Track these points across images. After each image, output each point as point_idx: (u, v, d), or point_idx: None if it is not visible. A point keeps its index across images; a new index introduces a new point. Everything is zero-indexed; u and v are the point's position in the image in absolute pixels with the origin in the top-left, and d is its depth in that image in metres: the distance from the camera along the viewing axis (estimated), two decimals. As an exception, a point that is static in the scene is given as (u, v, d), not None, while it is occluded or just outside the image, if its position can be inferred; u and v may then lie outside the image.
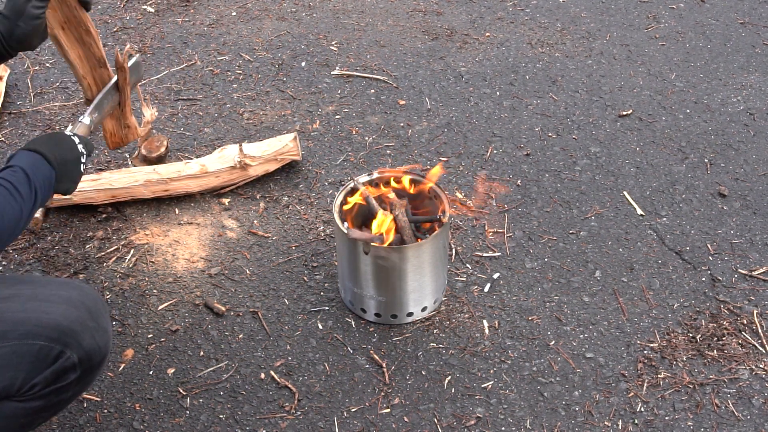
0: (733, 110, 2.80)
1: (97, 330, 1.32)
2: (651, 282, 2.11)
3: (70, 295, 1.30)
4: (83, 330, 1.29)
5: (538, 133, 2.68)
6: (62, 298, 1.29)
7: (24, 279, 1.39)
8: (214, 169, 2.34)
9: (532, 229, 2.29)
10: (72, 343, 1.28)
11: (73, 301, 1.29)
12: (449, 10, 3.46)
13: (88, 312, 1.31)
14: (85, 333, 1.29)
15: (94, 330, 1.32)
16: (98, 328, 1.33)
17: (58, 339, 1.26)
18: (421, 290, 1.94)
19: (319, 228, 2.29)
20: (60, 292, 1.30)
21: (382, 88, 2.93)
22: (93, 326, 1.32)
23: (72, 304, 1.29)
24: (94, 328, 1.32)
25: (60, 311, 1.27)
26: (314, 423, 1.77)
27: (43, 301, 1.27)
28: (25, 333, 1.24)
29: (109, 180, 2.33)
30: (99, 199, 2.32)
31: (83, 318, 1.29)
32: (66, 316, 1.27)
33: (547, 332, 1.98)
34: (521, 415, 1.78)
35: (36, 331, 1.24)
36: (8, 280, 1.35)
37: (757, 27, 3.31)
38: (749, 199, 2.39)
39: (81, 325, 1.29)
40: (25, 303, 1.27)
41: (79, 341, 1.28)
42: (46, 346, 1.25)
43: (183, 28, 3.33)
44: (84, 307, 1.31)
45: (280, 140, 2.38)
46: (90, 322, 1.31)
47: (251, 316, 2.03)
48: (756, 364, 1.89)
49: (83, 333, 1.29)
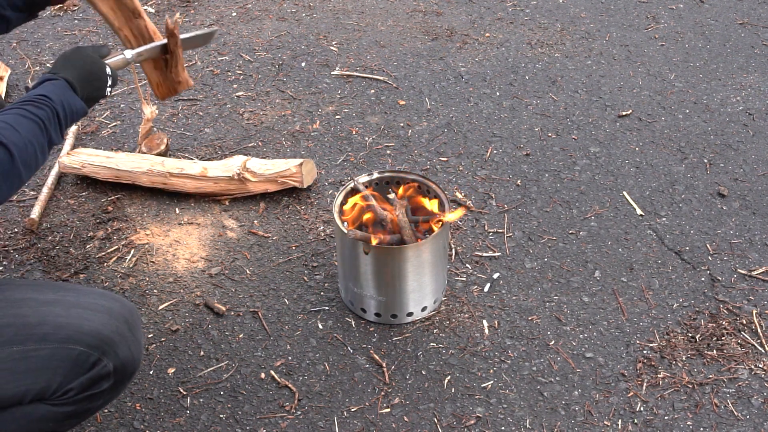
0: (733, 110, 2.80)
1: (133, 341, 1.35)
2: (650, 282, 2.12)
3: (112, 306, 1.33)
4: (121, 340, 1.32)
5: (538, 133, 2.69)
6: (104, 308, 1.32)
7: (67, 286, 1.41)
8: (214, 175, 2.34)
9: (532, 229, 2.29)
10: (109, 352, 1.30)
11: (114, 311, 1.33)
12: (449, 11, 3.46)
13: (126, 323, 1.35)
14: (122, 343, 1.32)
15: (131, 341, 1.35)
16: (134, 340, 1.36)
17: (97, 346, 1.29)
18: (421, 290, 1.94)
19: (319, 228, 2.30)
20: (102, 301, 1.33)
21: (382, 88, 2.93)
22: (130, 337, 1.35)
23: (113, 315, 1.32)
24: (131, 340, 1.35)
25: (101, 320, 1.30)
26: (314, 423, 1.77)
27: (86, 308, 1.30)
28: (66, 337, 1.26)
29: (117, 161, 2.40)
30: (102, 175, 2.41)
31: (122, 329, 1.33)
32: (106, 325, 1.30)
33: (547, 332, 1.98)
34: (521, 414, 1.79)
35: (77, 336, 1.27)
36: (53, 286, 1.38)
37: (756, 27, 3.31)
38: (748, 199, 2.39)
39: (119, 335, 1.32)
40: (69, 309, 1.29)
41: (116, 351, 1.31)
42: (85, 352, 1.28)
43: (183, 29, 3.34)
44: (123, 318, 1.34)
45: (286, 163, 2.35)
46: (128, 333, 1.34)
47: (251, 316, 2.03)
48: (755, 363, 1.89)
49: (121, 343, 1.32)
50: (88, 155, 2.44)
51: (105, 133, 2.72)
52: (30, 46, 3.23)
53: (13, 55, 3.17)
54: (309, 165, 2.37)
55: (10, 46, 3.23)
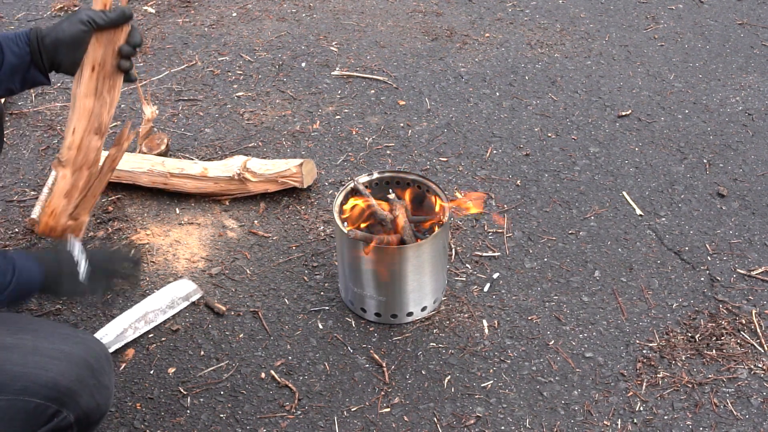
0: (732, 111, 2.80)
1: (97, 387, 1.28)
2: (650, 282, 2.12)
3: (72, 351, 1.26)
4: (82, 389, 1.24)
5: (538, 134, 2.69)
6: (64, 354, 1.25)
7: (29, 326, 1.33)
8: (214, 175, 2.35)
9: (532, 229, 2.30)
10: (69, 403, 1.23)
11: (74, 357, 1.25)
12: (449, 11, 3.47)
13: (89, 369, 1.27)
14: (83, 392, 1.25)
15: (94, 388, 1.27)
16: (99, 386, 1.29)
17: (55, 398, 1.21)
18: (421, 290, 1.95)
19: (319, 228, 2.30)
20: (62, 346, 1.26)
21: (382, 88, 2.94)
22: (93, 384, 1.27)
23: (73, 361, 1.24)
24: (94, 386, 1.27)
25: (60, 369, 1.22)
26: (314, 422, 1.78)
27: (43, 355, 1.23)
28: (22, 389, 1.20)
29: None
30: None
31: (83, 376, 1.25)
32: (66, 375, 1.22)
33: (547, 332, 1.98)
34: (521, 414, 1.79)
35: (33, 388, 1.20)
36: (10, 325, 1.30)
37: (756, 28, 3.32)
38: (748, 199, 2.40)
39: (80, 383, 1.24)
40: (26, 356, 1.22)
41: (77, 401, 1.24)
42: (42, 404, 1.20)
43: (184, 29, 3.34)
44: (85, 364, 1.27)
45: (286, 163, 2.36)
46: (90, 380, 1.27)
47: (251, 315, 2.04)
48: (754, 363, 1.89)
49: (82, 392, 1.24)
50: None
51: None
52: (30, 47, 3.23)
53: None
54: (309, 165, 2.37)
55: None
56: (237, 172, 2.32)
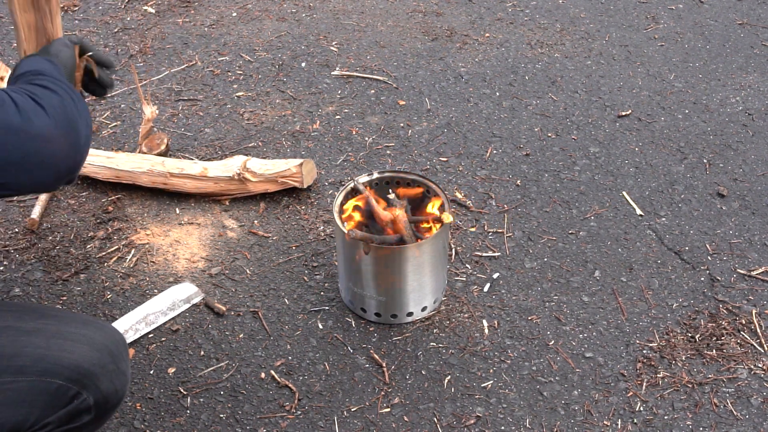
0: (732, 110, 2.80)
1: (116, 373, 1.31)
2: (650, 282, 2.12)
3: (94, 337, 1.29)
4: (102, 373, 1.27)
5: (538, 134, 2.69)
6: (86, 339, 1.28)
7: (51, 312, 1.36)
8: (214, 175, 2.35)
9: (532, 229, 2.30)
10: (90, 386, 1.26)
11: (96, 342, 1.28)
12: (449, 11, 3.47)
13: (109, 355, 1.30)
14: (104, 376, 1.28)
15: (113, 373, 1.30)
16: (117, 372, 1.32)
17: (76, 380, 1.24)
18: (421, 290, 1.95)
19: (319, 228, 2.30)
20: (84, 331, 1.29)
21: (382, 88, 2.94)
22: (112, 369, 1.30)
23: (95, 346, 1.28)
24: (113, 372, 1.30)
25: (82, 352, 1.26)
26: (314, 422, 1.78)
27: (66, 339, 1.26)
28: (44, 370, 1.22)
29: (117, 161, 2.41)
30: (103, 175, 2.41)
31: (104, 361, 1.28)
32: (87, 358, 1.25)
33: (547, 332, 1.98)
34: (521, 414, 1.79)
35: (56, 369, 1.23)
36: (33, 312, 1.33)
37: (756, 28, 3.32)
38: (748, 199, 2.40)
39: (101, 368, 1.27)
40: (49, 339, 1.25)
41: (97, 384, 1.27)
42: (64, 386, 1.23)
43: (183, 29, 3.34)
44: (106, 350, 1.30)
45: (286, 163, 2.35)
46: (110, 366, 1.30)
47: (251, 315, 2.04)
48: (755, 363, 1.89)
49: (102, 376, 1.27)
50: (89, 155, 2.44)
51: (105, 133, 2.73)
52: (30, 47, 3.23)
53: (13, 54, 3.17)
54: (309, 165, 2.37)
55: (10, 46, 3.23)
56: (237, 172, 2.32)
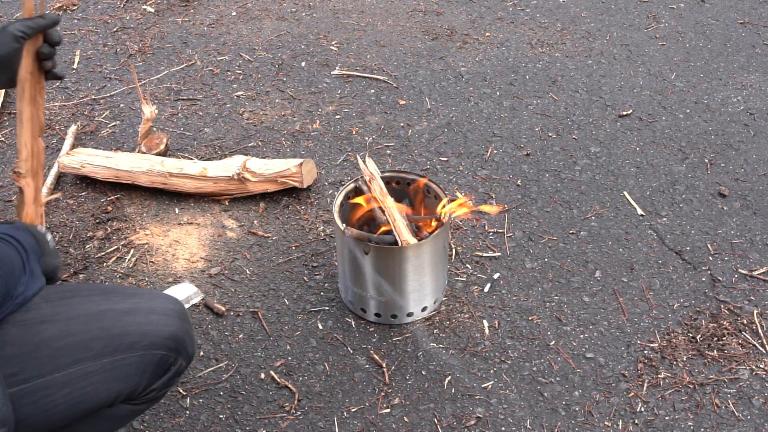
0: (734, 110, 2.80)
1: (192, 337, 1.48)
2: (651, 282, 2.11)
3: (177, 309, 1.45)
4: (188, 338, 1.45)
5: (538, 133, 2.68)
6: (174, 311, 1.43)
7: (129, 291, 1.50)
8: (214, 175, 2.34)
9: (532, 229, 2.29)
10: (183, 351, 1.43)
11: (180, 313, 1.45)
12: (449, 10, 3.46)
13: (188, 322, 1.47)
14: (189, 341, 1.45)
15: (193, 338, 1.49)
16: (192, 336, 1.49)
17: (175, 348, 1.41)
18: (421, 290, 1.94)
19: (319, 228, 2.29)
20: (169, 305, 1.44)
21: (382, 88, 2.93)
22: (192, 334, 1.48)
23: (180, 317, 1.44)
24: (193, 336, 1.48)
25: (176, 324, 1.42)
26: (314, 423, 1.77)
27: (160, 314, 1.41)
28: (150, 344, 1.37)
29: (116, 160, 2.40)
30: (102, 175, 2.41)
31: (188, 328, 1.46)
32: (180, 328, 1.42)
33: (547, 332, 1.98)
34: (521, 415, 1.78)
35: (159, 341, 1.38)
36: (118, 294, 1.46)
37: (757, 27, 3.31)
38: (749, 199, 2.39)
39: (187, 335, 1.45)
40: (148, 315, 1.40)
41: (187, 349, 1.44)
42: (166, 355, 1.39)
43: (183, 28, 3.34)
44: (186, 317, 1.47)
45: (286, 162, 2.34)
46: (191, 331, 1.48)
47: (251, 316, 2.03)
48: (756, 364, 1.89)
49: (188, 341, 1.45)
50: (88, 155, 2.44)
51: (104, 133, 2.72)
52: (29, 46, 3.22)
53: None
54: (309, 165, 2.36)
55: (9, 45, 3.22)
56: (236, 172, 2.32)
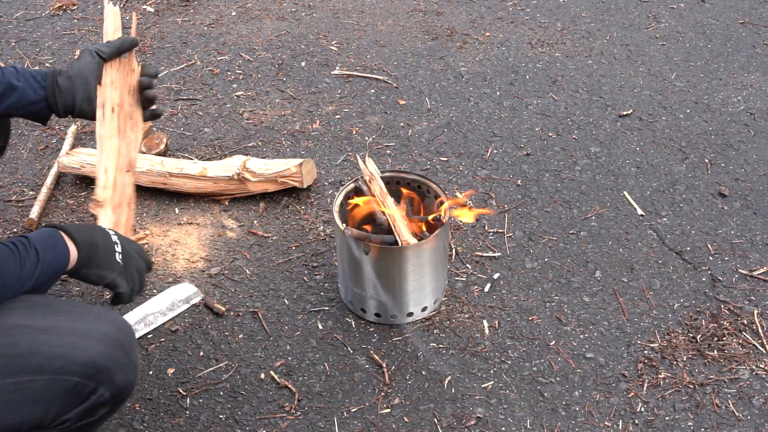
0: (734, 110, 2.79)
1: (128, 366, 1.34)
2: (651, 282, 2.11)
3: (107, 331, 1.31)
4: (117, 368, 1.30)
5: (538, 133, 2.68)
6: (99, 334, 1.30)
7: (62, 307, 1.36)
8: (214, 175, 2.34)
9: (532, 229, 2.29)
10: (105, 381, 1.29)
11: (109, 337, 1.31)
12: (449, 10, 3.46)
13: (122, 349, 1.33)
14: (117, 370, 1.31)
15: (126, 367, 1.33)
16: (130, 364, 1.35)
17: (93, 376, 1.27)
18: (421, 290, 1.94)
19: (319, 228, 2.29)
20: (97, 327, 1.31)
21: (382, 88, 2.93)
22: (125, 363, 1.33)
23: (108, 342, 1.30)
24: (126, 365, 1.33)
25: (97, 348, 1.28)
26: (314, 423, 1.77)
27: (80, 336, 1.28)
28: (61, 368, 1.24)
29: None
30: None
31: (117, 356, 1.31)
32: (102, 354, 1.28)
33: (548, 332, 1.97)
34: (521, 415, 1.78)
35: (72, 367, 1.25)
36: (43, 308, 1.34)
37: (758, 27, 3.31)
38: (750, 199, 2.39)
39: (115, 363, 1.30)
40: (63, 337, 1.27)
41: (112, 379, 1.30)
42: (81, 383, 1.26)
43: (183, 28, 3.33)
44: (118, 344, 1.32)
45: (286, 162, 2.34)
46: (123, 359, 1.32)
47: (251, 316, 2.03)
48: (756, 364, 1.89)
49: (116, 370, 1.30)
50: (88, 155, 2.43)
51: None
52: (29, 46, 3.23)
53: (12, 54, 3.17)
54: (309, 165, 2.36)
55: (9, 45, 3.23)
56: (236, 172, 2.31)
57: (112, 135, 1.62)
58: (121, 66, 1.64)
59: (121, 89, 1.63)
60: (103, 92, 1.61)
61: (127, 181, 1.62)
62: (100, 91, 1.61)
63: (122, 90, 1.63)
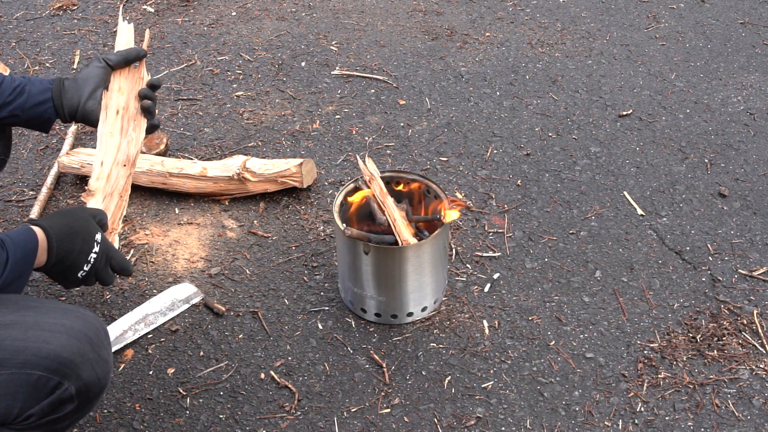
0: (734, 110, 2.80)
1: (97, 361, 1.31)
2: (651, 282, 2.11)
3: (73, 325, 1.29)
4: (83, 362, 1.27)
5: (538, 133, 2.68)
6: (65, 328, 1.27)
7: (30, 303, 1.34)
8: (214, 175, 2.34)
9: (532, 229, 2.29)
10: (70, 375, 1.25)
11: (75, 331, 1.28)
12: (449, 10, 3.46)
13: (89, 343, 1.29)
14: (84, 365, 1.27)
15: (94, 362, 1.30)
16: (99, 360, 1.31)
17: (56, 370, 1.24)
18: (421, 290, 1.94)
19: (319, 228, 2.29)
20: (63, 320, 1.28)
21: (382, 88, 2.93)
22: (93, 358, 1.29)
23: (74, 335, 1.27)
24: (94, 360, 1.29)
25: (61, 342, 1.25)
26: (314, 423, 1.77)
27: (45, 330, 1.26)
28: (24, 362, 1.22)
29: None
30: None
31: (84, 349, 1.28)
32: (66, 347, 1.25)
33: (547, 332, 1.98)
34: (521, 415, 1.78)
35: (35, 360, 1.22)
36: (12, 304, 1.32)
37: (758, 27, 3.31)
38: (749, 199, 2.39)
39: (81, 356, 1.27)
40: (27, 331, 1.25)
41: (78, 373, 1.26)
42: (44, 377, 1.23)
43: (183, 28, 3.33)
44: (86, 338, 1.29)
45: (286, 162, 2.34)
46: (90, 354, 1.29)
47: (251, 316, 2.03)
48: (756, 364, 1.89)
49: (83, 365, 1.27)
50: (88, 155, 2.43)
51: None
52: (29, 46, 3.23)
53: (12, 54, 3.17)
54: (309, 165, 2.36)
55: (9, 45, 3.23)
56: (236, 172, 2.31)
57: (114, 133, 1.65)
58: (129, 74, 1.70)
59: (128, 95, 1.68)
60: (110, 96, 1.66)
61: (122, 173, 1.63)
62: (106, 95, 1.66)
63: (129, 95, 1.68)
